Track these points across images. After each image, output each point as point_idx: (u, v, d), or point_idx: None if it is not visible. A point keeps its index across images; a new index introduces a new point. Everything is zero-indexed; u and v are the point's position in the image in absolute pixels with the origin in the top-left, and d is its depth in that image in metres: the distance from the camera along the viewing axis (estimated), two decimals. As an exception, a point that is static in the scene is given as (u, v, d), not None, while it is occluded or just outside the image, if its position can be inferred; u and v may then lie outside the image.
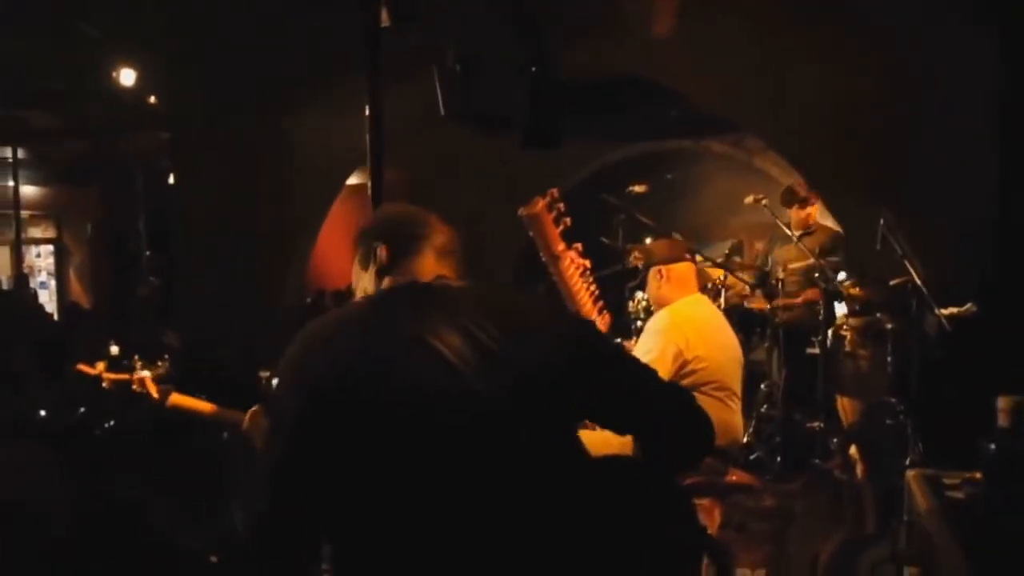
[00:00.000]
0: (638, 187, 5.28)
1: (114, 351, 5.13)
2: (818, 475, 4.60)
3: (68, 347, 6.15)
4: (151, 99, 8.49)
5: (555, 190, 2.81)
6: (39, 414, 4.89)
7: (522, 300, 1.63)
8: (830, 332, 4.83)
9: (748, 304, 5.60)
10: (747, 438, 4.99)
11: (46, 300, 11.93)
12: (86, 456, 4.32)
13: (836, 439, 4.78)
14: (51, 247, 12.84)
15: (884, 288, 4.58)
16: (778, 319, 5.13)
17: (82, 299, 12.18)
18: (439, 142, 7.45)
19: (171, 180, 9.57)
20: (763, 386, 5.47)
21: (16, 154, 10.91)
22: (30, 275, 11.90)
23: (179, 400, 2.50)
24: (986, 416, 2.04)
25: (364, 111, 2.45)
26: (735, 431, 3.20)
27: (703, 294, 3.54)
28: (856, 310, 4.68)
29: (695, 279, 3.33)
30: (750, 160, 9.39)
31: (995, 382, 2.18)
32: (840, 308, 4.86)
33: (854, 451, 4.58)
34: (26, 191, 11.50)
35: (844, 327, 4.72)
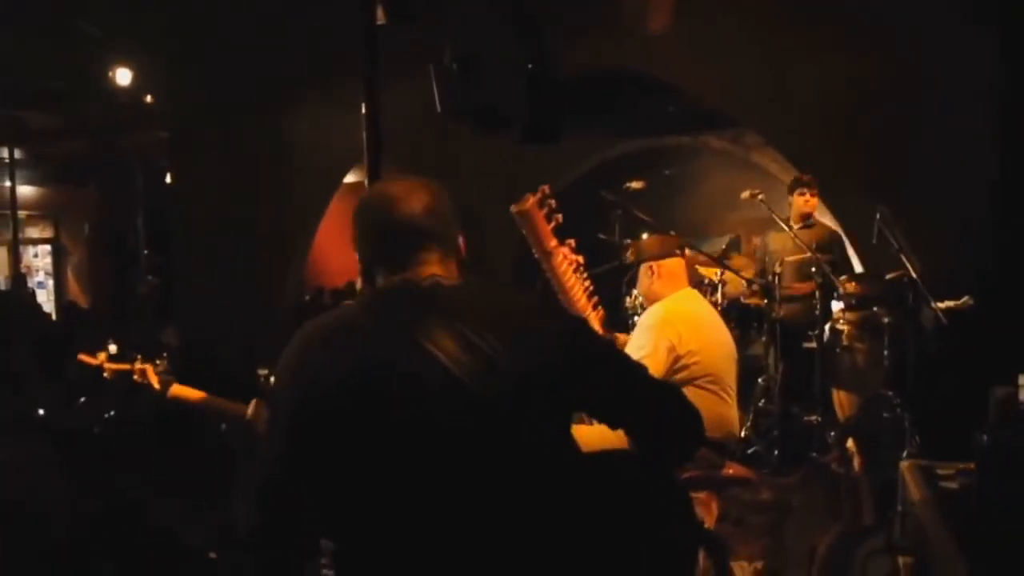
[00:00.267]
0: (635, 183, 5.29)
1: (113, 350, 5.13)
2: (815, 468, 4.61)
3: (67, 347, 6.15)
4: (150, 98, 8.50)
5: (545, 187, 2.79)
6: (39, 414, 4.89)
7: (514, 300, 1.63)
8: (827, 326, 4.83)
9: (745, 300, 5.61)
10: (745, 432, 5.00)
11: (43, 300, 11.92)
12: (86, 456, 4.32)
13: (833, 432, 4.78)
14: (49, 247, 12.83)
15: (880, 282, 4.59)
16: (775, 314, 5.14)
17: (79, 299, 12.17)
18: (438, 141, 7.46)
19: (170, 179, 9.58)
20: (760, 380, 5.48)
21: (13, 154, 10.90)
22: (28, 275, 11.90)
23: (180, 391, 2.50)
24: (982, 409, 2.05)
25: (362, 109, 2.45)
26: (731, 424, 3.20)
27: (697, 290, 3.56)
28: (853, 304, 4.68)
29: (685, 274, 3.34)
30: (748, 156, 9.39)
31: (991, 375, 2.19)
32: (836, 304, 4.86)
33: (851, 444, 4.60)
34: (23, 191, 11.49)
35: (841, 321, 4.72)
